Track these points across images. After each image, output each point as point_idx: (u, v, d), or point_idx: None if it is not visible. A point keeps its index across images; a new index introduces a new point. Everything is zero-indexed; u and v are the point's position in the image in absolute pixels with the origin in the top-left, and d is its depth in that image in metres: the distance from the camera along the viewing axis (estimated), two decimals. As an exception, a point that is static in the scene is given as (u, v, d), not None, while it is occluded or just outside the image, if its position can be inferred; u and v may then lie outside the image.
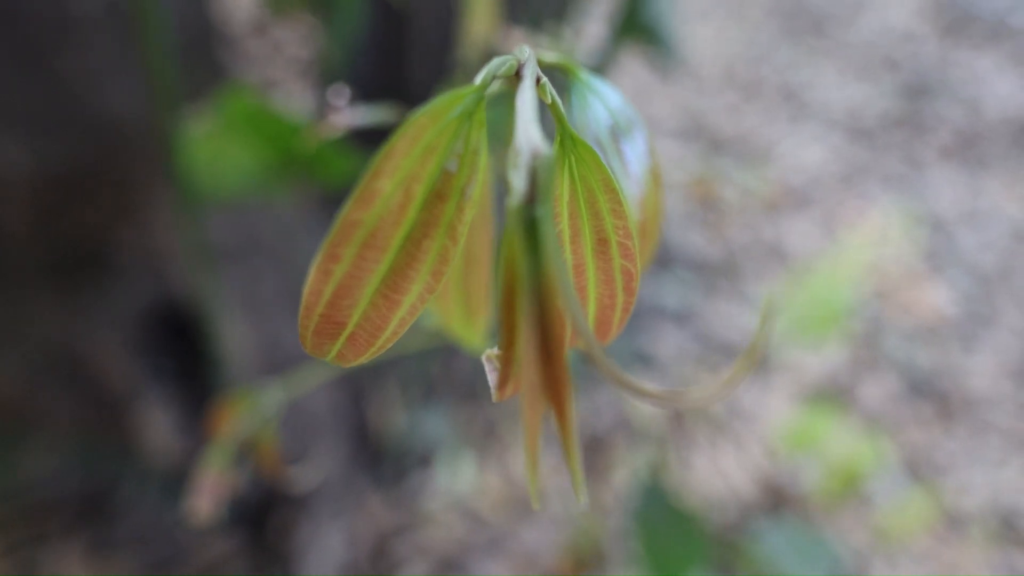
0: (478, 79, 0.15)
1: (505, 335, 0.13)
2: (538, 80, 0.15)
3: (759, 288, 1.24)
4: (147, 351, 0.67)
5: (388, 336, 0.15)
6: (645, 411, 1.06)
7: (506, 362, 0.13)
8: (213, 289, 0.58)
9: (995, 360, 1.14)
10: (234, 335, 0.65)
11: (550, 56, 0.17)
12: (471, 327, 0.23)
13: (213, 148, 0.54)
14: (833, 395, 1.09)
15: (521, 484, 0.94)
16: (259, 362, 0.70)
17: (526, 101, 0.13)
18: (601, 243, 0.16)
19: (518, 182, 0.12)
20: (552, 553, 0.88)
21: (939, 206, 1.39)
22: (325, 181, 0.56)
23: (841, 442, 0.96)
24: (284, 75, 1.08)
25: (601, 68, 0.63)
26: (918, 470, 1.01)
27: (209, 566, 0.77)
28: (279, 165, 0.56)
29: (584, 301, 0.17)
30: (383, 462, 0.91)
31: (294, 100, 1.05)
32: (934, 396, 1.10)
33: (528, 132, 0.13)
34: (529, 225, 0.12)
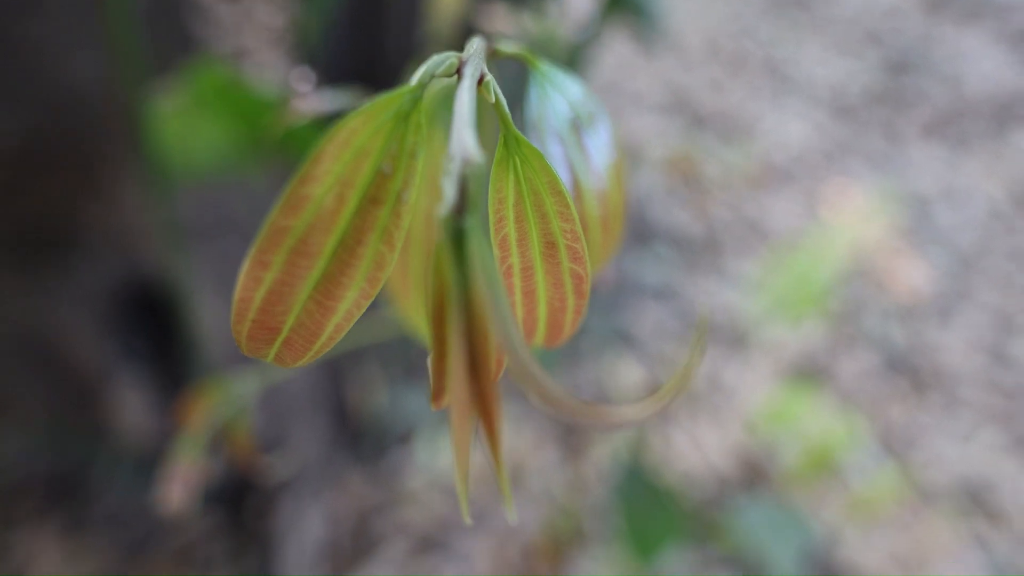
0: (414, 79, 0.14)
1: (436, 347, 0.12)
2: (482, 78, 0.14)
3: (741, 265, 1.24)
4: (118, 331, 0.65)
5: (325, 340, 0.15)
6: (625, 388, 1.06)
7: (439, 374, 0.13)
8: (185, 268, 0.56)
9: (970, 336, 1.16)
10: (208, 315, 0.64)
11: (509, 47, 0.17)
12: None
13: (183, 124, 0.52)
14: (812, 372, 1.10)
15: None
16: (234, 342, 0.69)
17: (463, 103, 0.13)
18: (549, 246, 0.16)
19: (448, 190, 0.12)
20: (532, 530, 0.89)
21: (919, 184, 1.39)
22: (300, 157, 0.55)
23: (818, 419, 0.98)
24: (256, 44, 1.05)
25: (587, 43, 0.62)
26: (892, 445, 1.03)
27: (186, 546, 0.76)
28: (252, 141, 0.54)
29: (534, 304, 0.17)
30: (363, 440, 0.91)
31: (266, 71, 1.02)
32: (910, 372, 1.12)
33: (462, 137, 0.12)
34: (457, 236, 0.11)
